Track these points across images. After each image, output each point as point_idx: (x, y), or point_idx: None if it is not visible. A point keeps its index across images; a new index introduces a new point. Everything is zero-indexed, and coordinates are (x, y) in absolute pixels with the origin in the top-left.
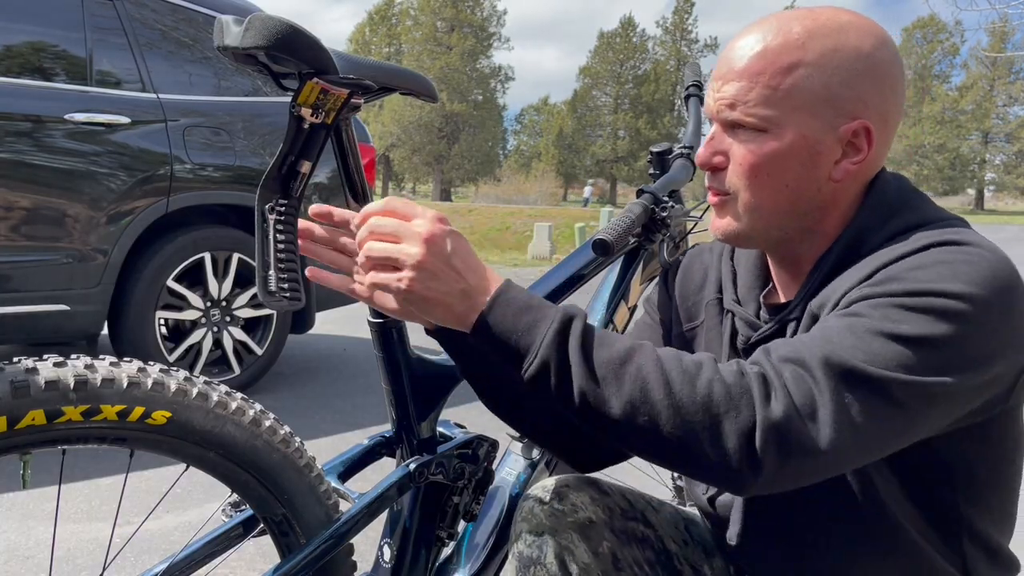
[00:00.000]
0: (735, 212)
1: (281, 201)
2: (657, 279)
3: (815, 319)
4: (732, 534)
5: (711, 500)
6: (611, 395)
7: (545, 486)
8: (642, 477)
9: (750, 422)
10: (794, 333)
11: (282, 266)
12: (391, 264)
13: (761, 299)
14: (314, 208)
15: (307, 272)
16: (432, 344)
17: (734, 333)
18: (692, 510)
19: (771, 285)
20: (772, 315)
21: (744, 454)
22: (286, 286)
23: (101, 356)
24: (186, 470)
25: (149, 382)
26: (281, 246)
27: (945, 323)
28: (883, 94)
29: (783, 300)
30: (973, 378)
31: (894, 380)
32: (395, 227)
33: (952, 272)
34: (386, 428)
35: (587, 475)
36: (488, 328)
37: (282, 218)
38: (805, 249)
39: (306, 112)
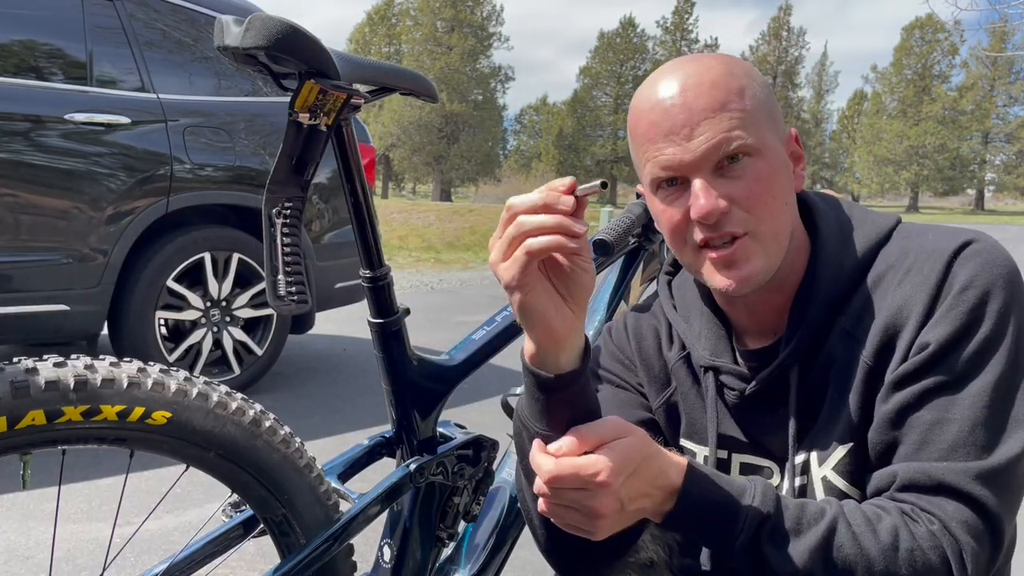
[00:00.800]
0: (758, 251)
1: (287, 204)
2: (611, 326)
3: (872, 371)
4: None
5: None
6: None
7: None
8: None
9: None
10: (799, 377)
11: (289, 269)
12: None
13: (735, 346)
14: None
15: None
16: (432, 344)
17: (719, 389)
18: None
19: (732, 330)
20: (754, 361)
21: None
22: (294, 289)
23: (101, 356)
24: (186, 470)
25: (149, 382)
26: (288, 249)
27: (1014, 343)
28: (779, 107)
29: (761, 343)
30: None
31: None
32: (572, 499)
33: (988, 283)
34: (386, 428)
35: None
36: (678, 528)
37: (288, 220)
38: (783, 273)
39: (304, 115)
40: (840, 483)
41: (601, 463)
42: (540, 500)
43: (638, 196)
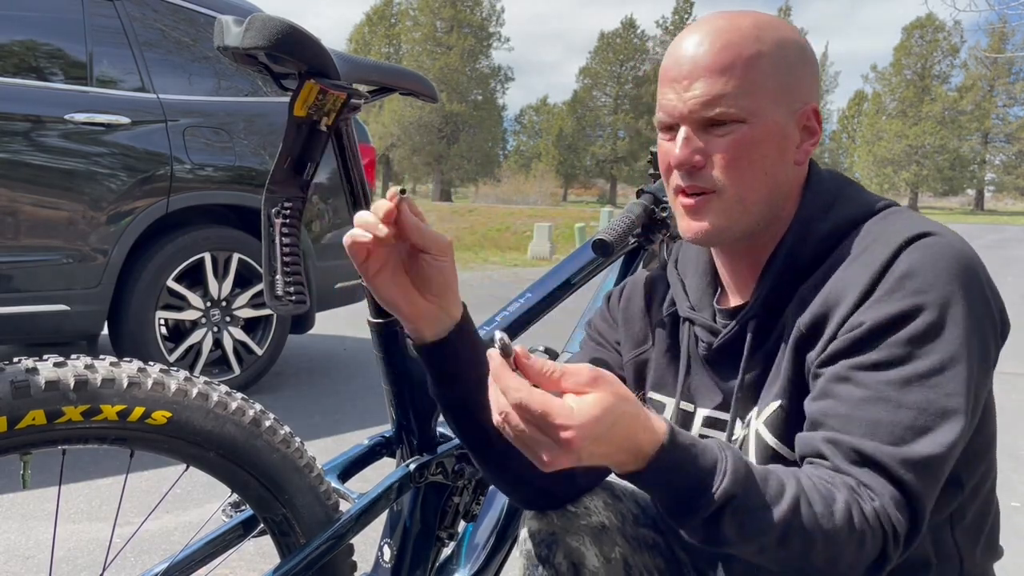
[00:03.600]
0: (719, 209)
1: (286, 204)
2: (614, 289)
3: (804, 337)
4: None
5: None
6: (769, 554)
7: None
8: None
9: (881, 556)
10: (755, 335)
11: (288, 269)
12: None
13: (715, 304)
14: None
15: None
16: None
17: (696, 342)
18: None
19: (720, 290)
20: (727, 319)
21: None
22: (292, 290)
23: (101, 356)
24: (186, 470)
25: (149, 382)
26: (287, 249)
27: (955, 336)
28: (815, 79)
29: (738, 302)
30: (988, 367)
31: (953, 432)
32: (529, 436)
33: (933, 275)
34: (386, 428)
35: None
36: (639, 485)
37: (287, 220)
38: (766, 240)
39: (304, 115)
40: (769, 438)
41: (575, 418)
42: (496, 413)
43: (638, 196)
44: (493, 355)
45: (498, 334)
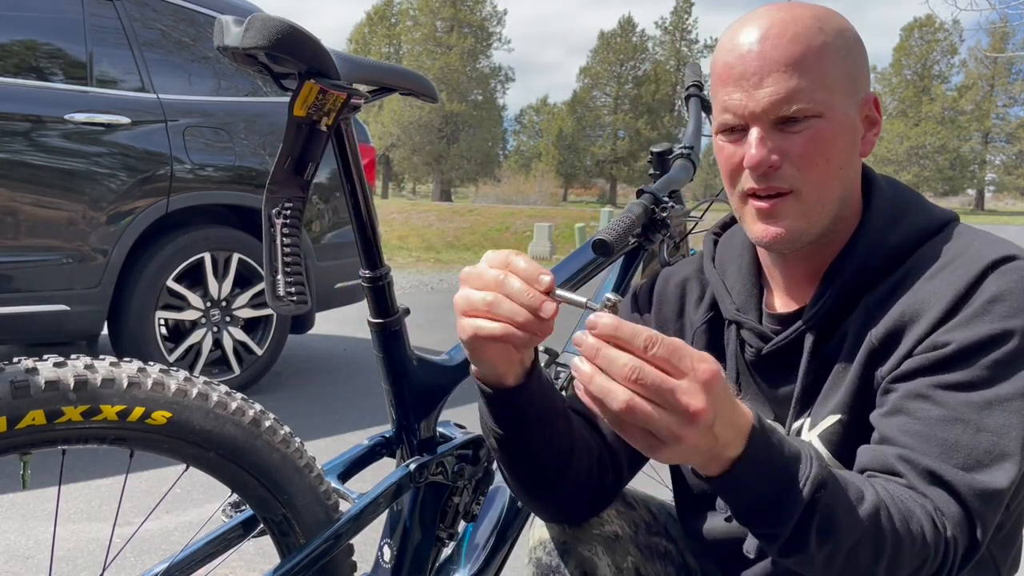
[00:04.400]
0: (797, 211)
1: (287, 204)
2: (629, 297)
3: (875, 350)
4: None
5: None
6: (836, 562)
7: None
8: (643, 478)
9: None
10: (814, 343)
11: (289, 270)
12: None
13: (764, 307)
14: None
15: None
16: (432, 344)
17: (740, 345)
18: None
19: (765, 292)
20: (778, 324)
21: None
22: (293, 290)
23: (101, 356)
24: (186, 470)
25: (149, 382)
26: (287, 249)
27: None
28: (868, 67)
29: (789, 307)
30: None
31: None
32: (663, 382)
33: (1022, 301)
34: (386, 428)
35: None
36: (735, 480)
37: (288, 220)
38: (827, 244)
39: (304, 115)
40: (822, 451)
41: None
42: (615, 399)
43: (638, 196)
44: (603, 316)
45: (611, 295)
